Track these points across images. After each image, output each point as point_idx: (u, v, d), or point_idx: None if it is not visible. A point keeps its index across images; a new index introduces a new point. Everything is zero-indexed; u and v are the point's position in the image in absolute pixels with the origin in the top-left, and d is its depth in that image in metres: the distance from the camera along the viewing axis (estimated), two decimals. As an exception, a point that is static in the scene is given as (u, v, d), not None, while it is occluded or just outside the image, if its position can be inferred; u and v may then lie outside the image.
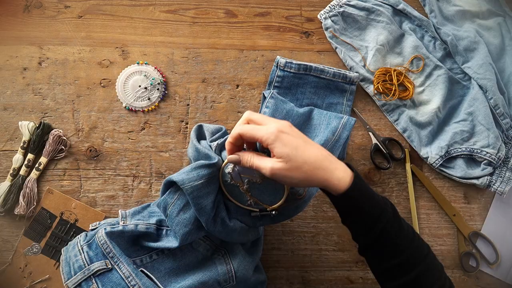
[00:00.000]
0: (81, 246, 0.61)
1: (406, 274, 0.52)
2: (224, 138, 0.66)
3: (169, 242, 0.62)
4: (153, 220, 0.64)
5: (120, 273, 0.58)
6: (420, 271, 0.52)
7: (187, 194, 0.58)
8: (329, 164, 0.51)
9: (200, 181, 0.58)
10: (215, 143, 0.65)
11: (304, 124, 0.72)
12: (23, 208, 0.72)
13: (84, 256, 0.59)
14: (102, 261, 0.59)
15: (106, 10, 0.80)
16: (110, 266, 0.58)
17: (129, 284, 0.57)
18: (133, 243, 0.63)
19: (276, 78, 0.78)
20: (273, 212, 0.62)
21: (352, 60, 0.79)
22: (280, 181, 0.52)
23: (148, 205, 0.68)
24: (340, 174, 0.51)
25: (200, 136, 0.68)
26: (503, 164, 0.76)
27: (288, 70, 0.77)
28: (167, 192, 0.62)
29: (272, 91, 0.74)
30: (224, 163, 0.60)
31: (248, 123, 0.53)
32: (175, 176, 0.59)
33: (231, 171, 0.60)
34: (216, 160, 0.60)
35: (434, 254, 0.55)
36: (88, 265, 0.58)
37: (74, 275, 0.58)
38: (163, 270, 0.63)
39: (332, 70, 0.77)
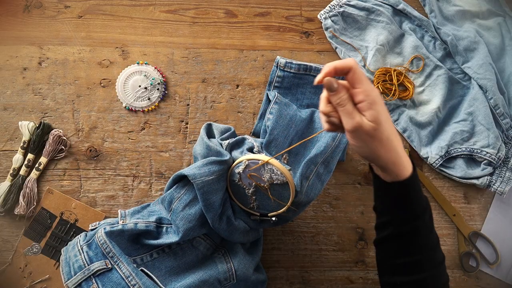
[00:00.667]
0: (80, 246, 0.61)
1: (417, 274, 0.52)
2: (235, 138, 0.66)
3: (170, 238, 0.62)
4: (152, 219, 0.64)
5: (120, 273, 0.58)
6: (430, 275, 0.52)
7: (197, 189, 0.58)
8: (401, 150, 0.50)
9: (211, 177, 0.58)
10: (226, 141, 0.65)
11: (306, 128, 0.72)
12: (23, 208, 0.72)
13: (84, 256, 0.59)
14: (102, 261, 0.59)
15: (106, 10, 0.80)
16: (110, 266, 0.58)
17: (129, 284, 0.57)
18: (133, 242, 0.63)
19: (276, 78, 0.78)
20: (273, 219, 0.62)
21: (352, 60, 0.79)
22: (353, 143, 0.49)
23: (148, 205, 0.68)
24: (406, 162, 0.51)
25: (209, 134, 0.69)
26: (503, 164, 0.76)
27: (288, 70, 0.77)
28: (174, 187, 0.62)
29: (276, 95, 0.73)
30: (237, 162, 0.60)
31: (348, 70, 0.48)
32: (187, 170, 0.59)
33: (241, 171, 0.60)
34: (227, 157, 0.61)
35: (445, 266, 0.56)
36: (88, 265, 0.58)
37: (74, 275, 0.58)
38: (163, 268, 0.63)
39: None
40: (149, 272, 0.60)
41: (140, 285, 0.57)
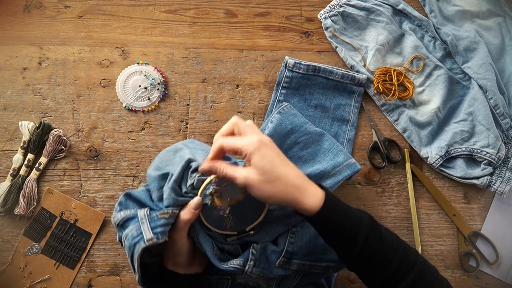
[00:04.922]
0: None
1: (402, 281, 0.51)
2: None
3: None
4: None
5: None
6: (415, 276, 0.51)
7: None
8: (301, 184, 0.52)
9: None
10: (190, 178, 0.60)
11: (312, 143, 0.70)
12: (23, 208, 0.72)
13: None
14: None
15: (106, 10, 0.80)
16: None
17: None
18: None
19: (285, 79, 0.77)
20: (251, 232, 0.60)
21: (353, 59, 0.79)
22: (252, 193, 0.52)
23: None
24: (311, 194, 0.52)
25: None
26: (503, 164, 0.76)
27: (297, 71, 0.77)
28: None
29: (283, 104, 0.72)
30: (205, 183, 0.57)
31: (233, 128, 0.54)
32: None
33: (213, 191, 0.57)
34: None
35: (424, 258, 0.55)
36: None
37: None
38: None
39: (340, 71, 0.77)
40: None
41: None
